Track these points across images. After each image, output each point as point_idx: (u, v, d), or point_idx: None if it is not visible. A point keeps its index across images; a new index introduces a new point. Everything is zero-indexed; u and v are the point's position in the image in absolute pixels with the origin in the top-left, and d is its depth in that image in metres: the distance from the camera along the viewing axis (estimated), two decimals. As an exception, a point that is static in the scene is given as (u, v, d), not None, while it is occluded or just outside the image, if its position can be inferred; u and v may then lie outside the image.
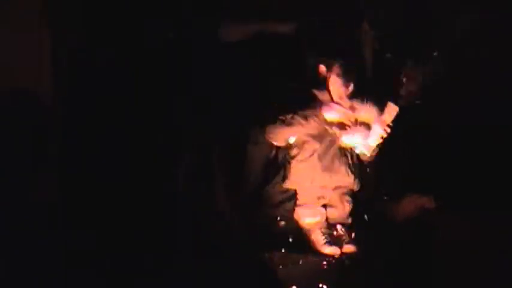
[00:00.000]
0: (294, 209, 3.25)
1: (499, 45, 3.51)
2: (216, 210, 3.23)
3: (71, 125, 3.12)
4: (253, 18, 3.45)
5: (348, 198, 3.27)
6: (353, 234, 3.23)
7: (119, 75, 3.17)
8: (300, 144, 3.22)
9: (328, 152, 3.21)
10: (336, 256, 3.10)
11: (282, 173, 3.27)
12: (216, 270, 2.84)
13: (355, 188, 3.28)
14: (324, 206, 3.26)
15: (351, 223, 3.27)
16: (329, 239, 3.14)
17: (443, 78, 3.58)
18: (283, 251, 3.09)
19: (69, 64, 3.07)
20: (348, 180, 3.24)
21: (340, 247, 3.12)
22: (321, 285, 2.84)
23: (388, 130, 3.16)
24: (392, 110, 3.15)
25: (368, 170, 3.37)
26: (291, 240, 3.18)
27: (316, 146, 3.20)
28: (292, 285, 2.82)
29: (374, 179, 3.44)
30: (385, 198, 3.40)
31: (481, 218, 3.06)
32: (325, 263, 3.07)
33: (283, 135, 3.23)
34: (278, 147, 3.29)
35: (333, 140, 3.22)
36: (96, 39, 3.15)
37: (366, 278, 2.94)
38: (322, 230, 3.18)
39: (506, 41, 3.49)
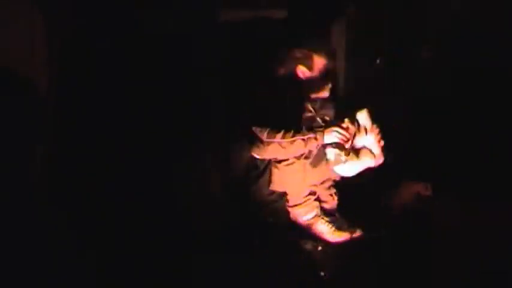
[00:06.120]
0: (286, 210, 3.21)
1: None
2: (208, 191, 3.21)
3: (65, 117, 3.07)
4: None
5: (334, 190, 3.27)
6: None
7: (114, 67, 3.13)
8: None
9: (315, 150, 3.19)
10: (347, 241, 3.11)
11: (266, 175, 3.19)
12: (215, 262, 2.86)
13: (338, 177, 3.28)
14: (315, 199, 3.23)
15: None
16: (336, 226, 3.15)
17: (437, 65, 3.62)
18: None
19: (63, 54, 3.01)
20: (334, 173, 3.23)
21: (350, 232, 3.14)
22: (322, 273, 2.88)
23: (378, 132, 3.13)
24: (366, 115, 3.11)
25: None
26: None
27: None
28: (295, 273, 2.85)
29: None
30: (381, 185, 3.41)
31: (478, 205, 3.10)
32: (321, 248, 3.09)
33: (276, 155, 3.14)
34: None
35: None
36: (91, 29, 3.10)
37: (363, 265, 2.97)
38: (325, 219, 3.18)
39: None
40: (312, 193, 3.21)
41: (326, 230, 3.14)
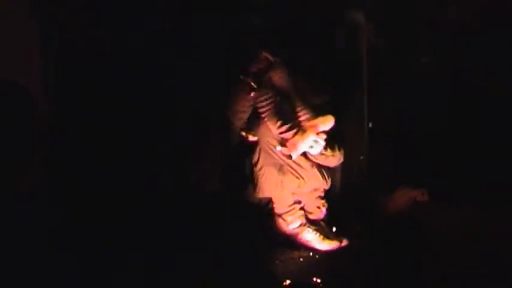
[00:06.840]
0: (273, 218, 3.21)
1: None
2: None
3: (61, 118, 3.07)
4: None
5: (323, 201, 3.26)
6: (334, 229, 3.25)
7: (110, 68, 3.13)
8: (265, 151, 3.15)
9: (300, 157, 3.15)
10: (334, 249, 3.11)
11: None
12: (212, 264, 2.85)
13: (327, 187, 3.25)
14: (301, 208, 3.23)
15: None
16: (323, 234, 3.14)
17: (435, 69, 3.62)
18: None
19: (58, 55, 3.01)
20: (322, 183, 3.22)
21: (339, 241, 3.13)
22: (315, 279, 2.86)
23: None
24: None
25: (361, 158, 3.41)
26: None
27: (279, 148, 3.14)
28: (287, 280, 2.84)
29: (366, 171, 3.47)
30: (378, 191, 3.40)
31: (474, 210, 3.09)
32: (317, 257, 3.09)
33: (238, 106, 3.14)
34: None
35: None
36: (87, 30, 3.11)
37: (358, 271, 2.96)
38: (311, 227, 3.17)
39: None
40: (297, 202, 3.21)
41: (314, 238, 3.13)
